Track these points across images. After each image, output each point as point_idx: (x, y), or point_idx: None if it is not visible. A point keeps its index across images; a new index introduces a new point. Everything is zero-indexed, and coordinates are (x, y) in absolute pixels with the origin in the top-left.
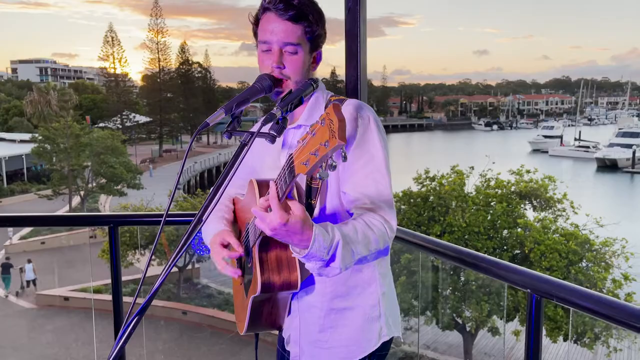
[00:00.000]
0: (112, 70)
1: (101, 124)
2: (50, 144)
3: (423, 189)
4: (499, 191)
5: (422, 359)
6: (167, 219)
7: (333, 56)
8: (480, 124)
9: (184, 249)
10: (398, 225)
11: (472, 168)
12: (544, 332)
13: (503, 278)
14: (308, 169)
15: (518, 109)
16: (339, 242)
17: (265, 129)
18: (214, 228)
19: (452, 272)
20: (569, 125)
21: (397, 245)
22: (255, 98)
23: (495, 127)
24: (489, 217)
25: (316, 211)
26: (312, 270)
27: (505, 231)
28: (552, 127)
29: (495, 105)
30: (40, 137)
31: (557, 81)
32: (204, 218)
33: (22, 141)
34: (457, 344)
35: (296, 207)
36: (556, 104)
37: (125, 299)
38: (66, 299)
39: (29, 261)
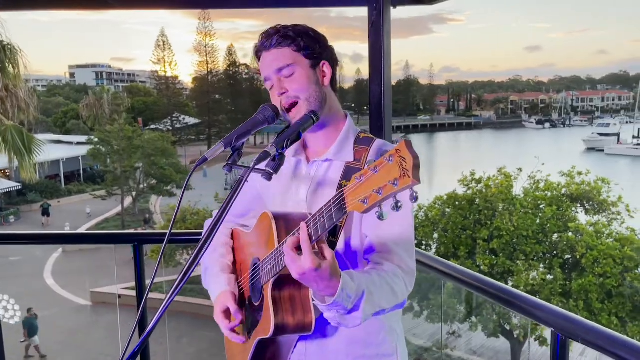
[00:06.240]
0: (163, 74)
1: (152, 126)
2: (105, 146)
3: (469, 192)
4: (549, 194)
5: None
6: (171, 237)
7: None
8: (532, 122)
9: (189, 274)
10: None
11: (520, 170)
12: None
13: (527, 313)
14: (367, 207)
15: (572, 106)
16: (364, 292)
17: (263, 164)
18: (216, 285)
19: (499, 278)
20: (627, 123)
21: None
22: (257, 129)
23: (547, 125)
24: (537, 221)
25: (340, 248)
26: (332, 320)
27: (556, 235)
28: (608, 125)
29: (547, 102)
30: (95, 140)
31: (614, 76)
32: (204, 248)
33: (78, 143)
34: (504, 350)
35: (328, 253)
36: (613, 100)
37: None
38: (119, 296)
39: None
